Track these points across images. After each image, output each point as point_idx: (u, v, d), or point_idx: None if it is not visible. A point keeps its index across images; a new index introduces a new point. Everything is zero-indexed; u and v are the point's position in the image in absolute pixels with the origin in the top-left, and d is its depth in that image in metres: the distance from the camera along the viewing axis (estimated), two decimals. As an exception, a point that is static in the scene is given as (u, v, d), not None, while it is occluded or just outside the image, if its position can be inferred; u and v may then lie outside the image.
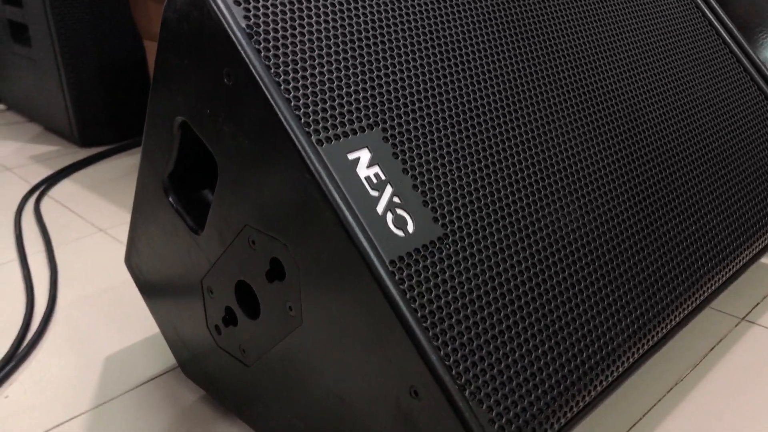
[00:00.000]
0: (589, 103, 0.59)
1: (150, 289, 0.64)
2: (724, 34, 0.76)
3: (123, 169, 1.19)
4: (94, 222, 1.00)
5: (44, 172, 1.18)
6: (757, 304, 0.75)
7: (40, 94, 1.36)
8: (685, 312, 0.56)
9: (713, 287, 0.59)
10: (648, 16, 0.70)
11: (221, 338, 0.57)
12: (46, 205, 1.06)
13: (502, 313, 0.44)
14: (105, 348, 0.72)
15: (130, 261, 0.65)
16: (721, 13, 0.78)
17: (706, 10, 0.77)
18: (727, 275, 0.61)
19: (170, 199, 0.55)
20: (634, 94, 0.63)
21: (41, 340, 0.74)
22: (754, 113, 0.73)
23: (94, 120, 1.29)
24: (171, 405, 0.64)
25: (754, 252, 0.64)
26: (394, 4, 0.52)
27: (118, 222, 0.99)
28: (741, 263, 0.62)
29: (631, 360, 0.51)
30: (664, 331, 0.54)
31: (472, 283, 0.44)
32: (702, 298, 0.58)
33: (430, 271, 0.43)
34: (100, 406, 0.64)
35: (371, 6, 0.51)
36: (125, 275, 0.85)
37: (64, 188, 1.12)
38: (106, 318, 0.77)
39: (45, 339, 0.74)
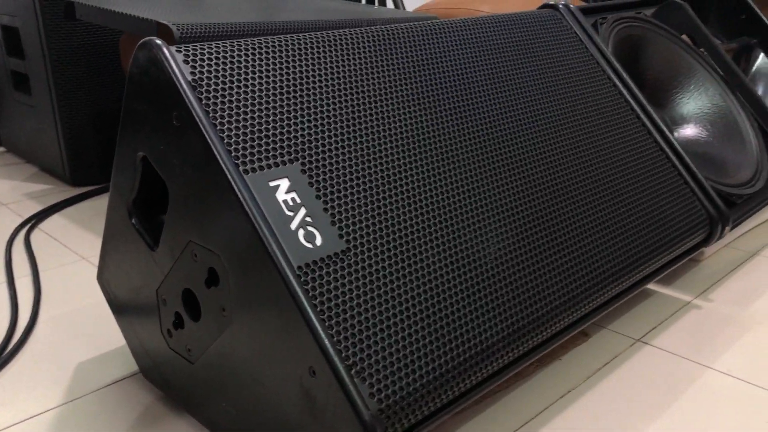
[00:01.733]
0: (489, 147, 0.70)
1: (117, 301, 0.75)
2: (625, 93, 0.89)
3: (108, 206, 1.31)
4: (78, 251, 1.10)
5: (36, 208, 1.29)
6: (654, 328, 0.85)
7: (37, 137, 1.48)
8: (562, 324, 0.66)
9: (591, 306, 0.69)
10: (557, 79, 0.82)
11: (172, 341, 0.67)
12: (35, 236, 1.17)
13: (391, 312, 0.55)
14: (77, 357, 0.82)
15: (101, 277, 0.76)
16: (624, 75, 0.90)
17: (610, 72, 0.89)
18: (606, 297, 0.71)
19: (133, 221, 0.66)
20: (533, 136, 0.74)
21: (21, 350, 0.83)
22: (647, 161, 0.85)
23: (85, 162, 1.41)
24: (131, 403, 0.73)
25: (633, 280, 0.75)
26: (317, 65, 0.64)
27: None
28: (620, 288, 0.73)
29: (506, 360, 0.61)
30: (539, 338, 0.64)
31: (367, 287, 0.55)
32: (580, 314, 0.68)
33: (331, 276, 0.54)
34: (68, 403, 0.74)
35: (297, 64, 0.63)
36: (101, 295, 0.96)
37: (53, 222, 1.23)
38: (80, 332, 0.87)
39: (25, 349, 0.84)
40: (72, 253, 1.10)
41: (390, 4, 2.17)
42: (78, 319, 0.90)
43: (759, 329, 0.84)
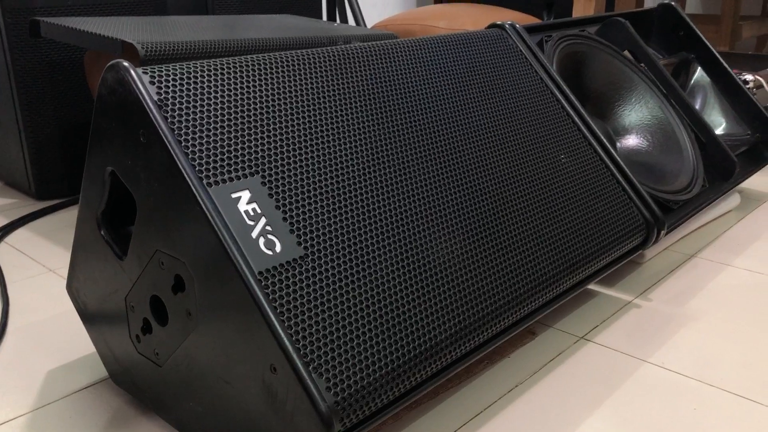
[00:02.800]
0: (439, 158, 0.75)
1: (86, 310, 0.78)
2: (567, 107, 0.95)
3: (73, 219, 1.33)
4: (45, 263, 1.13)
5: (2, 221, 1.31)
6: (596, 326, 0.91)
7: (2, 152, 1.50)
8: (507, 322, 0.71)
9: (534, 305, 0.75)
10: (503, 95, 0.88)
11: (140, 345, 0.71)
12: (1, 249, 1.19)
13: (346, 312, 0.60)
14: (47, 365, 0.85)
15: (70, 286, 0.79)
16: (566, 90, 0.97)
17: (553, 88, 0.96)
18: (548, 297, 0.77)
19: (102, 232, 0.70)
20: (480, 148, 0.80)
21: (-8, 359, 0.86)
22: (587, 170, 0.91)
23: (50, 176, 1.44)
24: (101, 406, 0.77)
25: (574, 280, 0.80)
26: (276, 84, 0.68)
27: (66, 264, 1.13)
28: (561, 288, 0.78)
29: (454, 356, 0.66)
30: (485, 335, 0.69)
31: (324, 290, 0.60)
32: (524, 312, 0.74)
33: (290, 281, 0.58)
34: (39, 408, 0.77)
35: (257, 84, 0.67)
36: (69, 305, 0.98)
37: (19, 235, 1.25)
38: (49, 341, 0.90)
39: (-5, 358, 0.86)
40: (39, 265, 1.12)
41: (351, 21, 2.22)
42: (47, 329, 0.93)
43: (692, 325, 0.91)
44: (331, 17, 1.98)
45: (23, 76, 1.36)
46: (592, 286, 1.02)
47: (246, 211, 0.60)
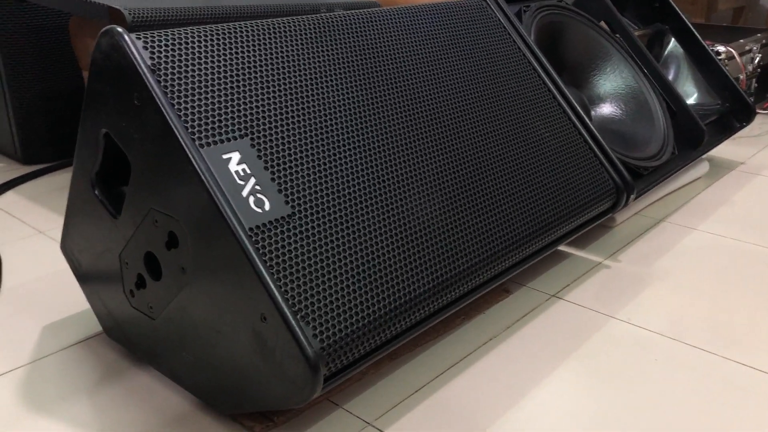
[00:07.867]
0: (419, 123, 0.79)
1: (81, 267, 0.81)
2: (543, 76, 0.98)
3: (60, 183, 1.35)
4: (35, 226, 1.15)
5: (-11, 186, 1.33)
6: (568, 285, 0.96)
7: (-14, 117, 1.51)
8: (481, 279, 0.76)
9: (508, 263, 0.79)
10: (481, 63, 0.92)
11: (134, 300, 0.74)
12: (-9, 212, 1.21)
13: (331, 266, 0.63)
14: (41, 321, 0.88)
15: (65, 246, 0.82)
16: (543, 59, 1.00)
17: (530, 57, 0.99)
18: (521, 256, 0.81)
19: (96, 192, 0.73)
20: (459, 113, 0.84)
21: (-12, 316, 0.89)
22: (561, 136, 0.95)
23: (37, 140, 1.45)
24: (96, 359, 0.80)
25: (546, 241, 0.85)
26: (264, 50, 0.71)
27: (56, 225, 1.15)
28: (534, 248, 0.83)
29: (432, 308, 0.70)
30: (461, 290, 0.73)
31: (310, 245, 0.63)
32: (498, 270, 0.78)
33: (279, 236, 0.62)
34: (36, 361, 0.80)
35: (246, 50, 0.70)
36: (60, 265, 1.01)
37: (7, 199, 1.28)
38: (42, 299, 0.93)
39: (-9, 315, 0.89)
40: (29, 227, 1.15)
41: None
42: (41, 287, 0.96)
43: (657, 284, 0.96)
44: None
45: (8, 41, 1.37)
46: (564, 248, 1.07)
47: (236, 172, 0.63)
